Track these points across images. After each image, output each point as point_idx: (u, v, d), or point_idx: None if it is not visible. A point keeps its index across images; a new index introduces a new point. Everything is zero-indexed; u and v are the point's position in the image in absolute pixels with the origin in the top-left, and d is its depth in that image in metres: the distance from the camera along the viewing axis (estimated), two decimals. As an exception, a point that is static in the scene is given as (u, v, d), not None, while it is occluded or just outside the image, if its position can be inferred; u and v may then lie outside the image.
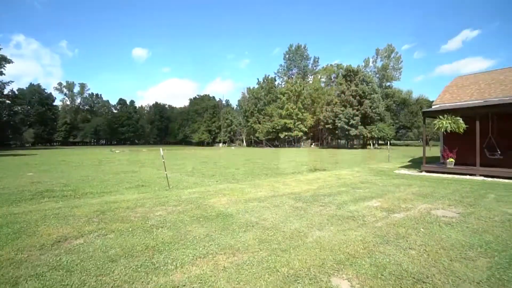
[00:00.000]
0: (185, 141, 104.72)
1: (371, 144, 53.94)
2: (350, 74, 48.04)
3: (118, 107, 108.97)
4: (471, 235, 3.84)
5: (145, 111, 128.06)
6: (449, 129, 10.21)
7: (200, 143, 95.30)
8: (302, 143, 63.86)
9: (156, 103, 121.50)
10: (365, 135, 46.28)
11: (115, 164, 17.54)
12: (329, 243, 3.61)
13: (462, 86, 14.23)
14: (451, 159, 10.96)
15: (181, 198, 6.51)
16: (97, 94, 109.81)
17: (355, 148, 48.16)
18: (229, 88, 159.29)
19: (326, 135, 62.47)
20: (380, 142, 59.02)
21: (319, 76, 69.36)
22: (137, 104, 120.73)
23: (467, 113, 10.47)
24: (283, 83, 71.30)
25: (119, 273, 2.82)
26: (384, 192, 7.19)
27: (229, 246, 3.54)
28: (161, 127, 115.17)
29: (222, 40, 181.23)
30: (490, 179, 9.21)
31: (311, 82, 66.57)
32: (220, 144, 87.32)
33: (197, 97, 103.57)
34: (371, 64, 65.77)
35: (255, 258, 3.17)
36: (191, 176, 11.20)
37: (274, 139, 69.15)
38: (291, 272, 2.82)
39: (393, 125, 58.45)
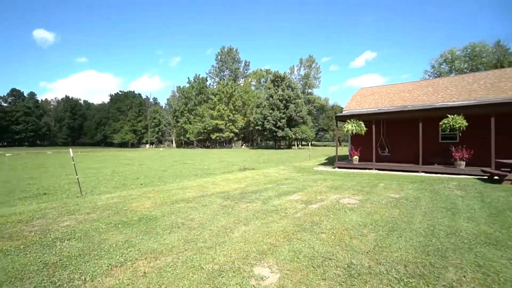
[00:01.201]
0: (105, 142, 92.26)
1: (296, 145, 59.18)
2: (277, 80, 51.51)
3: (10, 100, 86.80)
4: (366, 216, 4.70)
5: (52, 107, 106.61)
6: (354, 132, 12.15)
7: (124, 145, 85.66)
8: (233, 144, 64.91)
9: (67, 97, 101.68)
10: (291, 136, 50.41)
11: (4, 170, 14.05)
12: (254, 236, 3.82)
13: (364, 96, 17.14)
14: (356, 157, 13.09)
15: (96, 205, 5.75)
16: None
17: (282, 149, 51.88)
18: (157, 86, 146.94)
19: (256, 136, 65.18)
20: (303, 143, 65.29)
21: (250, 80, 71.99)
22: (40, 98, 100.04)
23: (366, 118, 12.70)
24: (215, 84, 71.01)
25: (3, 300, 2.31)
26: (304, 186, 8.01)
27: (151, 250, 3.34)
28: (74, 126, 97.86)
29: (151, 34, 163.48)
30: (381, 172, 11.40)
31: (242, 84, 68.38)
32: (147, 145, 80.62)
33: (120, 93, 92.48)
34: (295, 71, 72.30)
35: (180, 259, 3.09)
36: (111, 180, 10.00)
37: (206, 140, 68.10)
38: (215, 268, 2.87)
39: (313, 128, 65.50)
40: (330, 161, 17.40)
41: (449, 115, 10.09)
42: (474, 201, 5.76)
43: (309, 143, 42.17)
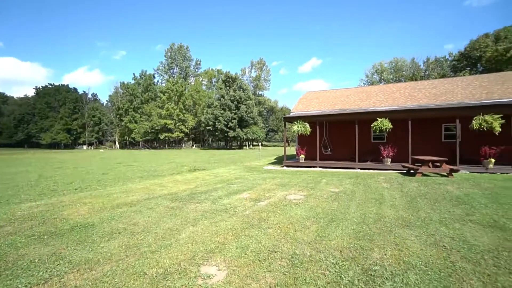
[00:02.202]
0: (30, 143, 78.87)
1: (247, 145, 60.06)
2: (229, 80, 51.53)
3: None
4: (309, 210, 5.07)
5: None
6: (300, 132, 12.94)
7: (55, 146, 74.67)
8: (183, 145, 62.53)
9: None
10: (242, 136, 50.94)
11: None
12: (202, 236, 3.77)
13: (309, 100, 18.37)
14: (302, 156, 13.93)
15: (14, 216, 4.91)
16: None
17: (233, 149, 52.02)
18: (97, 81, 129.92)
19: (207, 137, 63.98)
20: (254, 143, 66.59)
21: (201, 79, 70.32)
22: None
23: (311, 120, 13.65)
24: (164, 81, 67.38)
25: None
26: (254, 185, 8.21)
27: (86, 260, 3.02)
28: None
29: (92, 22, 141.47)
30: (324, 169, 12.40)
31: (193, 83, 66.36)
32: (85, 147, 72.06)
33: (50, 86, 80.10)
34: (247, 73, 73.29)
35: (119, 266, 2.87)
36: (36, 186, 8.65)
37: (153, 141, 64.11)
38: (160, 272, 2.75)
39: (264, 129, 67.41)
40: (279, 160, 18.14)
41: (378, 118, 11.55)
42: (396, 192, 6.73)
43: (260, 144, 43.41)
